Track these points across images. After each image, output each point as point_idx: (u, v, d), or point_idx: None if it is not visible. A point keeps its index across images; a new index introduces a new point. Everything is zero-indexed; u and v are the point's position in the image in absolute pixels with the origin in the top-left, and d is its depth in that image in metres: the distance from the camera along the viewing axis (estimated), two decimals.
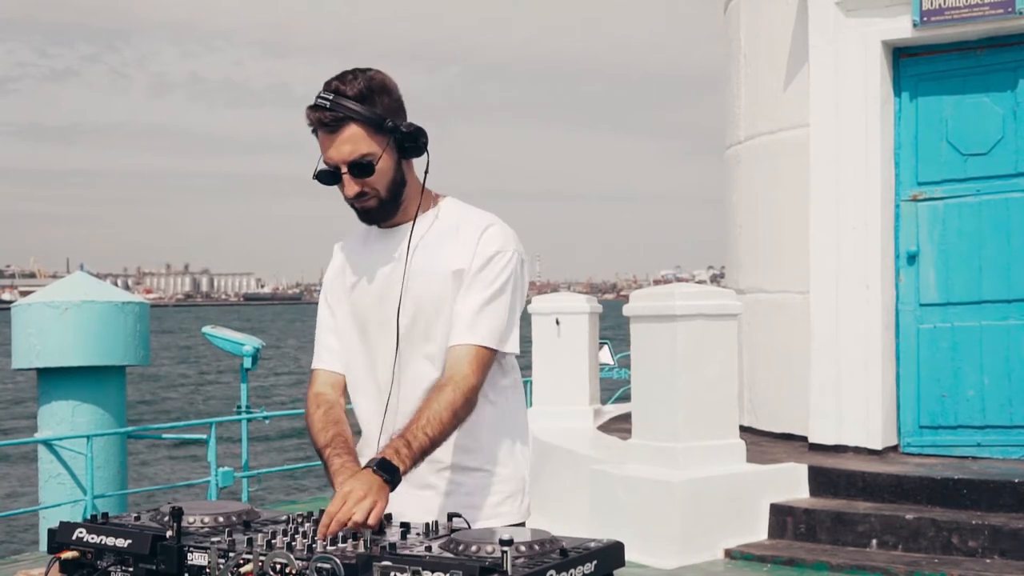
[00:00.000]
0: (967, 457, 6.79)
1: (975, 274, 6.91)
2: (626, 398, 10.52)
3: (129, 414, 8.14)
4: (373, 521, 2.12)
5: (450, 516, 2.20)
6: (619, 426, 8.09)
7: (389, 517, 2.22)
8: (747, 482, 6.27)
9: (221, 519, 2.23)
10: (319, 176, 2.46)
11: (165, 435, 10.56)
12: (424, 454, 2.30)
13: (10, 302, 10.16)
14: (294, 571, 1.94)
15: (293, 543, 2.04)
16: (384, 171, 2.44)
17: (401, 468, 2.24)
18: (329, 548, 2.01)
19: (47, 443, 7.32)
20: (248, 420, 8.67)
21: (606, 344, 13.90)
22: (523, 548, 1.91)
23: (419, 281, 2.47)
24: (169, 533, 2.10)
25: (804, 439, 7.15)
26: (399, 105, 2.47)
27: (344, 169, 2.42)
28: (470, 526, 2.20)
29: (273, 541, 2.04)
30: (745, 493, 6.24)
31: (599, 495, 6.43)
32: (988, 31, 6.81)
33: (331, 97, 2.39)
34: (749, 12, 8.15)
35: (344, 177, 2.43)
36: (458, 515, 2.20)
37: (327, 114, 2.39)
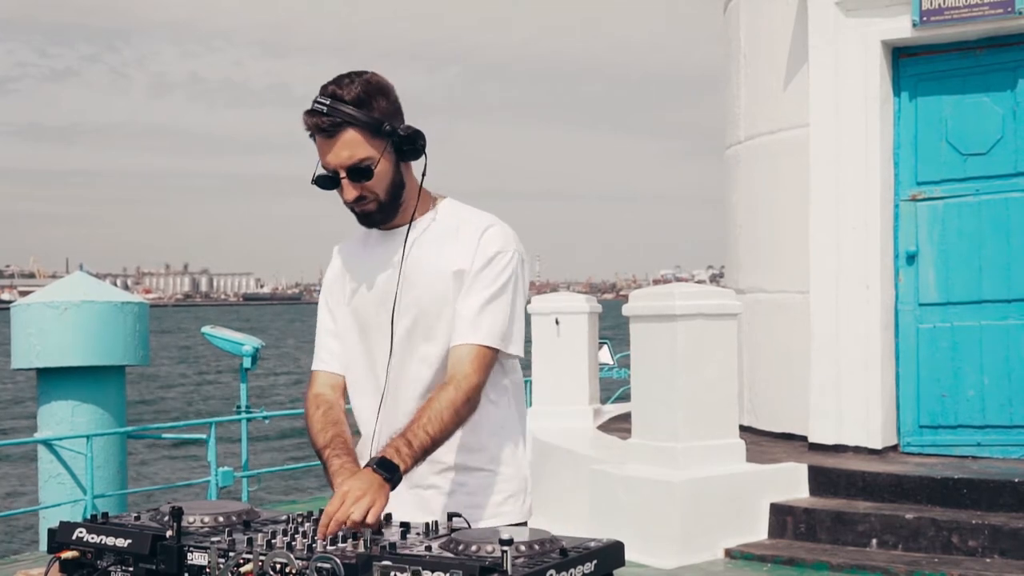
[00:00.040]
0: (967, 457, 6.79)
1: (975, 274, 6.91)
2: (626, 398, 10.52)
3: (129, 414, 8.14)
4: (372, 520, 2.12)
5: (450, 516, 2.19)
6: (619, 426, 8.09)
7: (389, 517, 2.21)
8: (747, 482, 6.27)
9: (221, 519, 2.23)
10: (318, 181, 2.45)
11: (165, 435, 10.56)
12: (425, 453, 2.30)
13: (10, 302, 10.16)
14: (294, 571, 1.94)
15: (293, 543, 2.04)
16: (383, 175, 2.43)
17: (401, 466, 2.24)
18: (329, 548, 2.01)
19: (47, 443, 7.32)
20: (248, 420, 8.68)
21: (606, 344, 13.91)
22: (523, 548, 1.91)
23: (420, 282, 2.47)
24: (169, 533, 2.10)
25: (804, 439, 7.15)
26: (396, 107, 2.46)
27: (343, 174, 2.42)
28: (470, 526, 2.19)
29: (273, 541, 2.04)
30: (745, 493, 6.24)
31: (599, 495, 6.43)
32: (988, 31, 6.81)
33: (328, 102, 2.38)
34: (749, 12, 8.15)
35: (343, 182, 2.43)
36: (458, 515, 2.20)
37: (324, 119, 2.39)
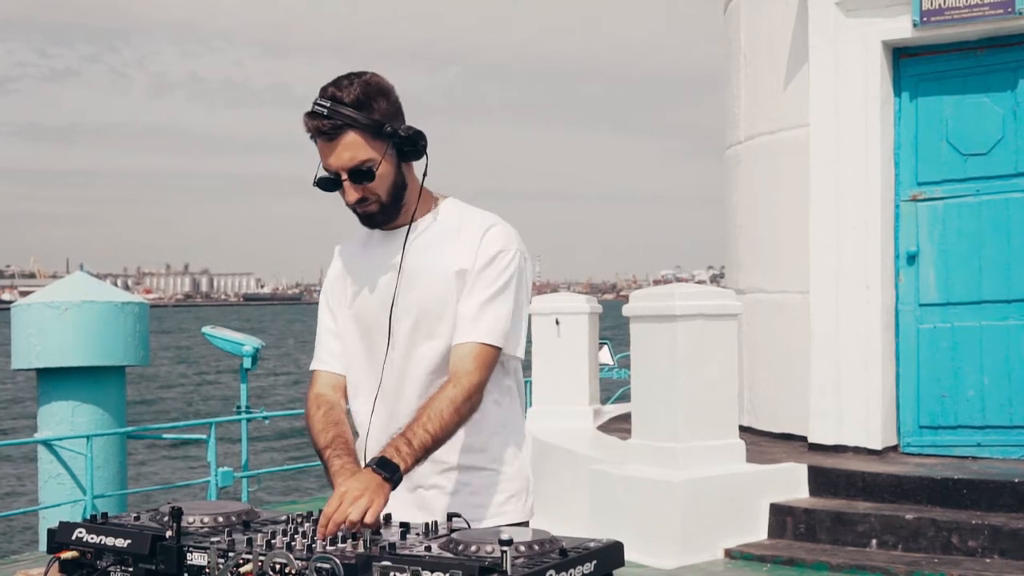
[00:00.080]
0: (967, 457, 6.79)
1: (975, 274, 6.91)
2: (626, 398, 10.52)
3: (129, 414, 8.14)
4: (370, 520, 2.11)
5: (450, 516, 2.19)
6: (619, 426, 8.09)
7: (388, 517, 2.21)
8: (747, 482, 6.27)
9: (221, 519, 2.23)
10: (319, 183, 2.45)
11: (165, 435, 10.56)
12: (427, 451, 2.29)
13: (10, 302, 10.16)
14: (294, 571, 1.94)
15: (293, 543, 2.04)
16: (384, 176, 2.43)
17: (402, 466, 2.23)
18: (329, 548, 2.01)
19: (47, 443, 7.32)
20: (248, 420, 8.68)
21: (606, 344, 13.91)
22: (523, 548, 1.91)
23: (421, 283, 2.47)
24: (169, 533, 2.10)
25: (804, 439, 7.15)
26: (397, 108, 2.45)
27: (344, 176, 2.42)
28: (470, 526, 2.19)
29: (273, 541, 2.04)
30: (745, 493, 6.24)
31: (599, 495, 6.43)
32: (988, 31, 6.81)
33: (328, 104, 2.38)
34: (749, 12, 8.15)
35: (345, 184, 2.42)
36: (458, 515, 2.19)
37: (325, 122, 2.38)
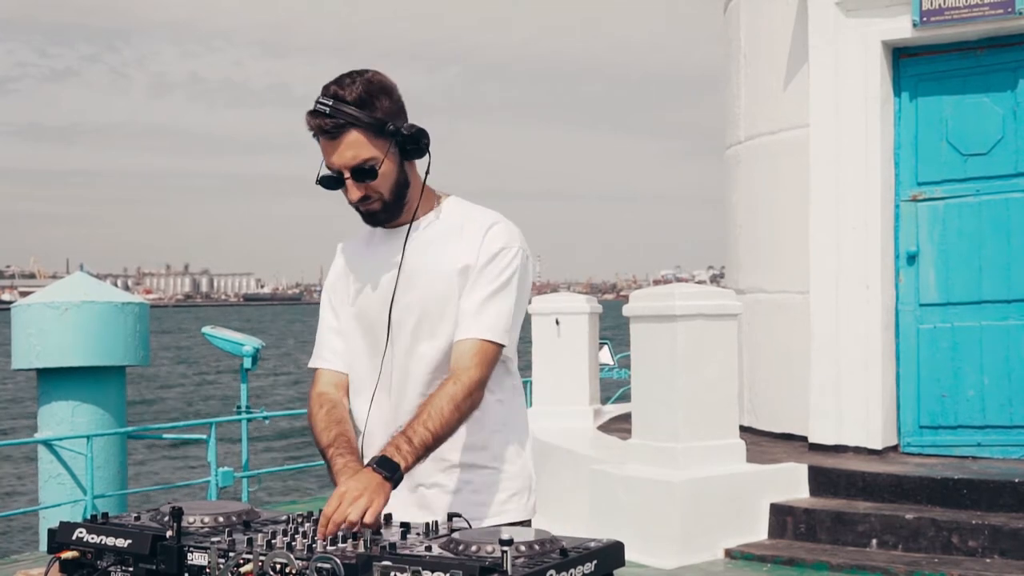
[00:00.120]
0: (967, 457, 6.79)
1: (975, 274, 6.91)
2: (626, 398, 10.52)
3: (129, 414, 8.14)
4: (370, 520, 2.11)
5: (450, 516, 2.19)
6: (619, 426, 8.09)
7: (389, 517, 2.21)
8: (747, 482, 6.27)
9: (221, 519, 2.23)
10: (322, 181, 2.45)
11: (165, 435, 10.56)
12: (428, 449, 2.29)
13: (10, 302, 10.16)
14: (294, 571, 1.94)
15: (293, 543, 2.04)
16: (387, 174, 2.43)
17: (402, 464, 2.23)
18: (329, 548, 2.01)
19: (47, 443, 7.32)
20: (248, 420, 8.68)
21: (606, 344, 13.91)
22: (523, 548, 1.91)
23: (422, 281, 2.47)
24: (169, 533, 2.10)
25: (804, 439, 7.15)
26: (399, 106, 2.45)
27: (347, 174, 2.41)
28: (470, 526, 2.19)
29: (273, 541, 2.04)
30: (745, 493, 6.24)
31: (599, 495, 6.43)
32: (988, 31, 6.81)
33: (330, 103, 2.37)
34: (749, 12, 8.15)
35: (347, 182, 2.42)
36: (458, 515, 2.19)
37: (327, 121, 2.38)
